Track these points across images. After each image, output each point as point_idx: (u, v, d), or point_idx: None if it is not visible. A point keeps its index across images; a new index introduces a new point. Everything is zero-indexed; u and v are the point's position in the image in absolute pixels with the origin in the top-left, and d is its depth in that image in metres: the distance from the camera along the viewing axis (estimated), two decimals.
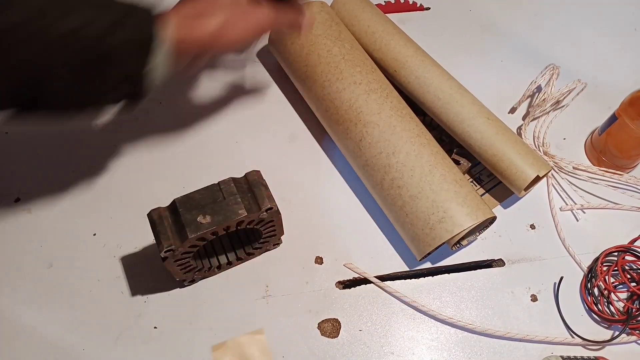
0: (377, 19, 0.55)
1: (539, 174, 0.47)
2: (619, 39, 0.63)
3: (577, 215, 0.51)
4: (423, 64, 0.52)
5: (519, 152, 0.48)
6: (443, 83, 0.51)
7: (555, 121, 0.56)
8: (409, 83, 0.52)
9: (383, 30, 0.54)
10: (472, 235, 0.47)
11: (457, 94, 0.50)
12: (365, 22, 0.54)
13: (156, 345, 0.44)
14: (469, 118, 0.49)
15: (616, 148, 0.52)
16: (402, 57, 0.52)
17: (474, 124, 0.49)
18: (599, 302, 0.46)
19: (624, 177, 0.52)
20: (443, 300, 0.47)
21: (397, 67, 0.52)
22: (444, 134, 0.53)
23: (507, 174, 0.48)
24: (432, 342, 0.45)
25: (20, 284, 0.46)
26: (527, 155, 0.48)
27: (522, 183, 0.47)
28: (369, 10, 0.55)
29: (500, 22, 0.64)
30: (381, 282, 0.47)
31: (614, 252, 0.48)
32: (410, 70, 0.52)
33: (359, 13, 0.55)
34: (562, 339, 0.45)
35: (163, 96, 0.56)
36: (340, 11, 0.56)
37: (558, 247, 0.49)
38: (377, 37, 0.54)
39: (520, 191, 0.48)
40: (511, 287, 0.47)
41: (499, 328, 0.45)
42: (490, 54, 0.62)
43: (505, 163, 0.48)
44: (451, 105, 0.50)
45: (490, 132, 0.48)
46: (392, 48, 0.53)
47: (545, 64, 0.56)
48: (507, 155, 0.48)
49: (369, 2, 0.56)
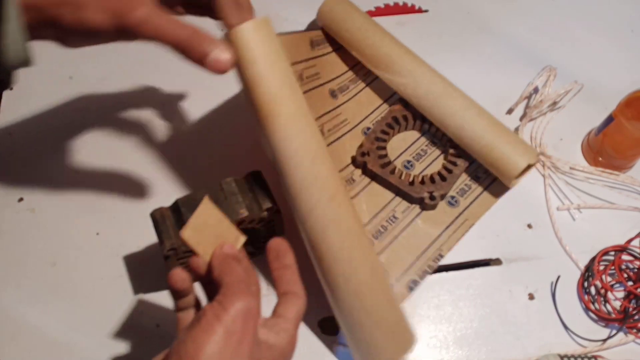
0: (368, 20, 0.54)
1: (530, 163, 0.48)
2: (615, 40, 0.64)
3: (574, 215, 0.52)
4: (415, 60, 0.52)
5: (509, 142, 0.48)
6: (435, 77, 0.51)
7: (552, 122, 0.57)
8: (402, 77, 0.52)
9: (375, 27, 0.54)
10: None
11: (450, 87, 0.51)
12: (358, 20, 0.54)
13: (158, 343, 0.44)
14: (461, 110, 0.50)
15: (613, 148, 0.52)
16: (394, 53, 0.52)
17: (465, 115, 0.49)
18: (596, 301, 0.47)
19: (620, 177, 0.53)
20: (441, 298, 0.47)
21: (390, 62, 0.52)
22: (436, 136, 0.54)
23: (498, 164, 0.49)
24: (430, 340, 0.45)
25: (23, 282, 0.47)
26: (517, 145, 0.49)
27: (514, 172, 0.48)
28: (359, 12, 0.55)
29: (498, 24, 0.65)
30: None
31: (611, 252, 0.49)
32: (402, 65, 0.52)
33: (351, 12, 0.54)
34: (559, 338, 0.45)
35: (166, 98, 0.57)
36: (333, 9, 0.55)
37: (555, 246, 0.50)
38: (370, 34, 0.53)
39: (510, 181, 0.49)
40: (509, 285, 0.48)
41: (497, 326, 0.46)
42: (487, 55, 0.62)
43: (497, 153, 0.48)
44: (444, 97, 0.50)
45: (482, 123, 0.49)
46: (387, 43, 0.53)
47: (542, 65, 0.57)
48: (498, 146, 0.48)
49: (359, 9, 0.55)
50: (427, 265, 0.47)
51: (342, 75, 0.56)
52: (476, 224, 0.49)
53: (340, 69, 0.56)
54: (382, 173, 0.50)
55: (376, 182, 0.51)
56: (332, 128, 0.52)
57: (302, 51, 0.52)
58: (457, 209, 0.50)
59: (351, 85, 0.56)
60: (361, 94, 0.56)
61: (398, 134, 0.55)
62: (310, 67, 0.52)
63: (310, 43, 0.54)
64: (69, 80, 0.58)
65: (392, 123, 0.53)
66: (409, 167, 0.53)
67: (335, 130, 0.52)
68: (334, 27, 0.54)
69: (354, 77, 0.56)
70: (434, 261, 0.48)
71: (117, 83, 0.58)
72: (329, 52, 0.55)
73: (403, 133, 0.55)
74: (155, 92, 0.58)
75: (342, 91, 0.55)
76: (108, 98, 0.57)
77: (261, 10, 0.63)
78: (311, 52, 0.53)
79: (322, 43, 0.55)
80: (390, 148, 0.53)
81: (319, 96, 0.52)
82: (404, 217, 0.50)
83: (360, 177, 0.51)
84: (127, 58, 0.59)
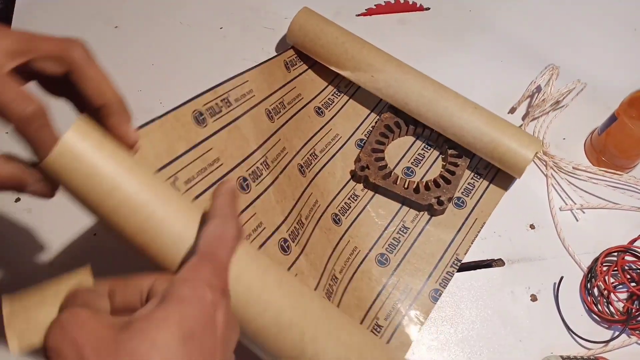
0: (342, 31, 0.53)
1: (536, 152, 0.48)
2: (618, 39, 0.63)
3: (577, 215, 0.51)
4: (400, 67, 0.51)
5: (513, 135, 0.48)
6: (425, 81, 0.51)
7: (554, 121, 0.56)
8: (390, 87, 0.51)
9: (352, 39, 0.52)
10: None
11: (441, 89, 0.50)
12: (333, 34, 0.52)
13: None
14: (457, 110, 0.49)
15: (616, 148, 0.52)
16: (378, 62, 0.51)
17: (463, 115, 0.49)
18: (599, 302, 0.46)
19: (623, 177, 0.52)
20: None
21: (374, 72, 0.51)
22: (431, 138, 0.54)
23: (505, 158, 0.48)
24: (432, 342, 0.45)
25: (20, 283, 0.46)
26: (521, 137, 0.49)
27: (523, 165, 0.48)
28: (332, 25, 0.54)
29: (500, 22, 0.64)
30: None
31: (614, 252, 0.48)
32: (388, 73, 0.51)
33: (323, 27, 0.53)
34: (561, 339, 0.45)
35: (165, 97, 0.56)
36: (303, 27, 0.53)
37: (558, 247, 0.49)
38: (348, 47, 0.52)
39: (521, 174, 0.49)
40: (511, 287, 0.47)
41: (499, 328, 0.45)
42: (489, 54, 0.62)
43: (503, 148, 0.48)
44: (437, 101, 0.50)
45: (481, 120, 0.49)
46: (366, 55, 0.52)
47: (545, 64, 0.56)
48: (502, 142, 0.48)
49: (330, 21, 0.54)
50: (446, 272, 0.47)
51: (323, 90, 0.55)
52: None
53: (320, 84, 0.56)
54: (385, 185, 0.50)
55: (379, 194, 0.51)
56: (324, 148, 0.52)
57: (279, 77, 0.52)
58: (465, 209, 0.50)
59: (335, 99, 0.55)
60: (347, 106, 0.56)
61: (393, 142, 0.54)
62: (291, 91, 0.52)
63: (284, 66, 0.53)
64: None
65: (386, 132, 0.53)
66: (409, 174, 0.52)
67: (327, 149, 0.52)
68: (307, 44, 0.54)
69: (336, 91, 0.56)
70: (452, 266, 0.47)
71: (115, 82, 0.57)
72: (305, 70, 0.55)
73: (397, 140, 0.54)
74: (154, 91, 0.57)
75: (327, 107, 0.55)
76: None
77: (261, 9, 0.63)
78: (288, 75, 0.53)
79: (297, 62, 0.55)
80: (388, 157, 0.53)
81: (305, 118, 0.52)
82: (414, 226, 0.49)
83: (362, 192, 0.51)
84: (126, 57, 0.58)
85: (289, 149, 0.48)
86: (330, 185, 0.50)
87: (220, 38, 0.60)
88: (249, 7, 0.62)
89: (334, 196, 0.50)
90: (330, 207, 0.49)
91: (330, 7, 0.62)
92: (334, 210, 0.49)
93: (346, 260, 0.47)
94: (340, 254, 0.47)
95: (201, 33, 0.60)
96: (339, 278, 0.45)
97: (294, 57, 0.55)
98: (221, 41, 0.59)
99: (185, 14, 0.61)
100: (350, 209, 0.50)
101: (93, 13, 0.60)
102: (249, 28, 0.61)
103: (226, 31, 0.60)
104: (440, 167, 0.53)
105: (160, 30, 0.59)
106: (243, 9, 0.62)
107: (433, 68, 0.54)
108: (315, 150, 0.51)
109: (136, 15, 0.60)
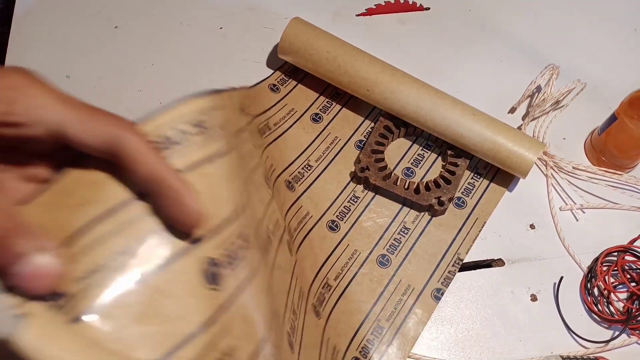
0: (334, 43, 0.52)
1: (538, 155, 0.48)
2: (618, 39, 0.63)
3: (577, 215, 0.51)
4: (394, 77, 0.51)
5: (514, 139, 0.49)
6: (421, 91, 0.50)
7: (554, 121, 0.56)
8: (386, 99, 0.51)
9: (344, 53, 0.52)
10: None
11: (437, 97, 0.50)
12: (324, 48, 0.52)
13: None
14: (456, 119, 0.49)
15: (616, 148, 0.52)
16: (371, 75, 0.51)
17: (462, 123, 0.49)
18: (599, 302, 0.46)
19: (623, 177, 0.52)
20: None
21: (370, 86, 0.51)
22: (430, 139, 0.54)
23: (508, 162, 0.49)
24: (431, 342, 0.45)
25: None
26: (522, 140, 0.49)
27: (526, 168, 0.49)
28: (323, 37, 0.52)
29: (500, 22, 0.64)
30: None
31: (614, 252, 0.48)
32: (384, 86, 0.50)
33: (314, 41, 0.52)
34: (561, 339, 0.45)
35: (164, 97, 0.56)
36: (293, 44, 0.52)
37: (558, 247, 0.50)
38: (340, 62, 0.51)
39: (525, 175, 0.49)
40: (511, 286, 0.47)
41: (499, 328, 0.45)
42: (490, 53, 0.62)
43: (504, 153, 0.48)
44: (436, 110, 0.50)
45: (480, 126, 0.49)
46: (359, 68, 0.51)
47: (545, 64, 0.56)
48: (504, 146, 0.48)
49: (322, 30, 0.53)
50: (448, 272, 0.47)
51: (319, 97, 0.55)
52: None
53: (314, 93, 0.56)
54: (386, 185, 0.50)
55: (380, 195, 0.51)
56: (321, 155, 0.52)
57: (265, 100, 0.52)
58: (465, 209, 0.50)
59: (333, 103, 0.55)
60: (345, 109, 0.56)
61: (392, 143, 0.54)
62: (282, 109, 0.53)
63: (270, 90, 0.54)
64: (66, 80, 0.57)
65: (385, 133, 0.53)
66: (410, 174, 0.52)
67: (327, 153, 0.52)
68: (299, 60, 0.53)
69: (334, 94, 0.56)
70: (454, 266, 0.47)
71: (115, 82, 0.57)
72: (295, 85, 0.55)
73: (397, 140, 0.54)
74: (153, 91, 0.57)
75: (324, 111, 0.55)
76: (105, 97, 0.56)
77: (261, 9, 0.63)
78: (276, 95, 0.53)
79: (285, 81, 0.55)
80: (387, 158, 0.53)
81: (301, 127, 0.52)
82: (415, 227, 0.49)
83: (363, 193, 0.51)
84: (126, 57, 0.58)
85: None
86: (328, 192, 0.50)
87: (220, 38, 0.59)
88: (249, 7, 0.62)
89: (331, 203, 0.50)
90: (326, 215, 0.49)
91: (330, 7, 0.62)
92: (330, 217, 0.49)
93: (344, 266, 0.47)
94: (337, 261, 0.47)
95: (201, 33, 0.60)
96: (332, 286, 0.45)
97: (280, 78, 0.55)
98: (221, 41, 0.59)
99: (185, 14, 0.61)
100: (349, 212, 0.50)
101: (93, 13, 0.60)
102: (249, 28, 0.60)
103: (226, 31, 0.60)
104: (440, 168, 0.53)
105: (160, 30, 0.59)
106: (243, 9, 0.62)
107: (433, 68, 0.54)
108: (311, 158, 0.51)
109: (136, 15, 0.60)
